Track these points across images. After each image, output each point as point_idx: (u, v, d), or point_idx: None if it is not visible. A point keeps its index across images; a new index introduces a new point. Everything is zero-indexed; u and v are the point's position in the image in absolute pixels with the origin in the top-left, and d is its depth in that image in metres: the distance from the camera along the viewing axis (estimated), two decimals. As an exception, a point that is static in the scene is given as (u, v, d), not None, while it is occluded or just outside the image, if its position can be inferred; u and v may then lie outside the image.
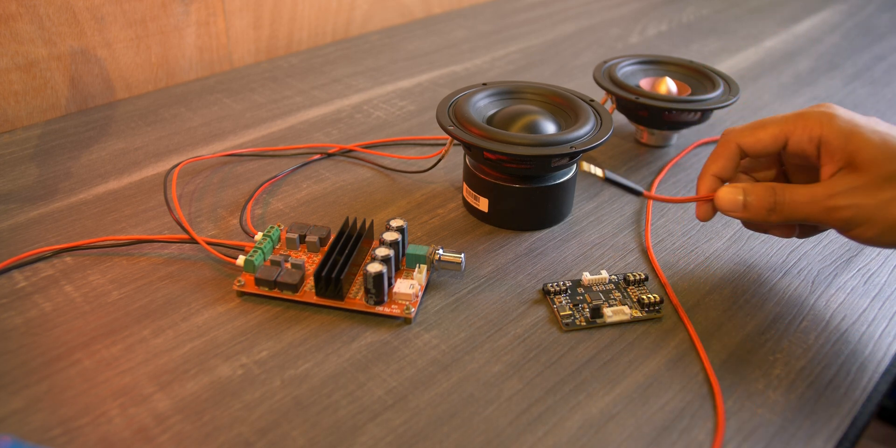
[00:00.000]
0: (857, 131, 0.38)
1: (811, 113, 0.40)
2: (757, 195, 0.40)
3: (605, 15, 0.96)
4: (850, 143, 0.38)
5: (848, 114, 0.40)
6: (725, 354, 0.40)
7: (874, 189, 0.37)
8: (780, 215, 0.40)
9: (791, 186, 0.40)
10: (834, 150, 0.39)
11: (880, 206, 0.37)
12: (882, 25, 0.94)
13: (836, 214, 0.38)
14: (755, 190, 0.40)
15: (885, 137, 0.38)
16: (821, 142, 0.39)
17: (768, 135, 0.41)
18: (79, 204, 0.52)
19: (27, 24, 0.60)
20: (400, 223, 0.45)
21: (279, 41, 0.80)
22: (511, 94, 0.53)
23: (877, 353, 0.41)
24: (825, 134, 0.39)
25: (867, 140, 0.38)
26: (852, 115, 0.40)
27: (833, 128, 0.39)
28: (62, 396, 0.36)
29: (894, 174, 0.37)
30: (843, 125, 0.39)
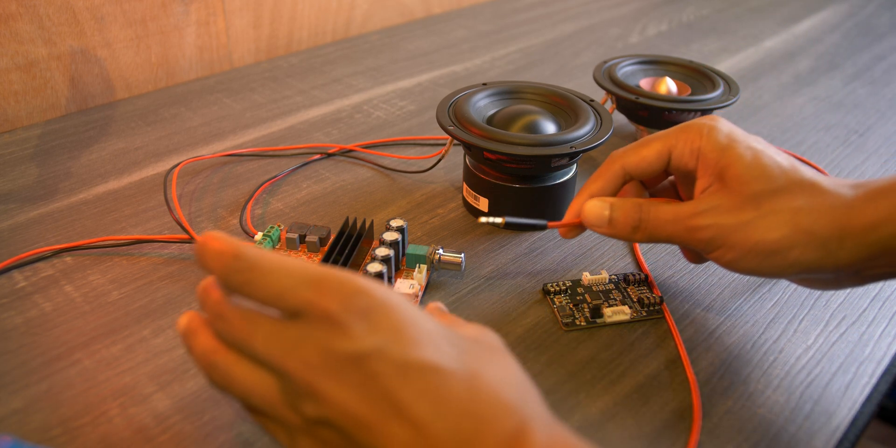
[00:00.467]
0: (732, 146, 0.36)
1: (693, 125, 0.38)
2: (623, 211, 0.38)
3: (605, 15, 0.96)
4: (724, 158, 0.36)
5: (729, 127, 0.38)
6: (725, 354, 0.40)
7: (736, 209, 0.35)
8: (644, 234, 0.38)
9: (658, 204, 0.38)
10: (708, 164, 0.37)
11: (739, 227, 0.35)
12: (882, 25, 0.94)
13: (696, 234, 0.36)
14: (622, 205, 0.39)
15: (758, 155, 0.36)
16: (699, 154, 0.37)
17: (652, 151, 0.39)
18: (79, 204, 0.52)
19: (27, 24, 0.60)
20: (400, 223, 0.45)
21: (279, 41, 0.80)
22: (511, 94, 0.53)
23: (877, 353, 0.41)
24: (703, 146, 0.37)
25: (739, 156, 0.36)
26: (732, 130, 0.38)
27: (711, 140, 0.37)
28: (62, 396, 0.36)
29: (759, 194, 0.35)
30: (720, 138, 0.37)
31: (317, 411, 0.26)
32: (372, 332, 0.25)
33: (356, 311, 0.26)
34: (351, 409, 0.25)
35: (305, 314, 0.26)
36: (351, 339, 0.25)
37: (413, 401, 0.25)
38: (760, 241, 0.35)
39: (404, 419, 0.25)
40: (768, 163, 0.36)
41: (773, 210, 0.35)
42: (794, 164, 0.36)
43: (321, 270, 0.27)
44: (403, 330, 0.26)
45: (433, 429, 0.24)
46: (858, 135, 0.65)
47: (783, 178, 0.35)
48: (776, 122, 0.67)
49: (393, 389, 0.25)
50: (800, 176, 0.35)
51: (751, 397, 0.38)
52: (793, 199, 0.35)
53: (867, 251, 0.34)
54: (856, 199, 0.34)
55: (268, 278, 0.27)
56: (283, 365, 0.26)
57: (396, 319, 0.26)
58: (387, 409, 0.25)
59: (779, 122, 0.67)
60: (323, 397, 0.25)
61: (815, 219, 0.34)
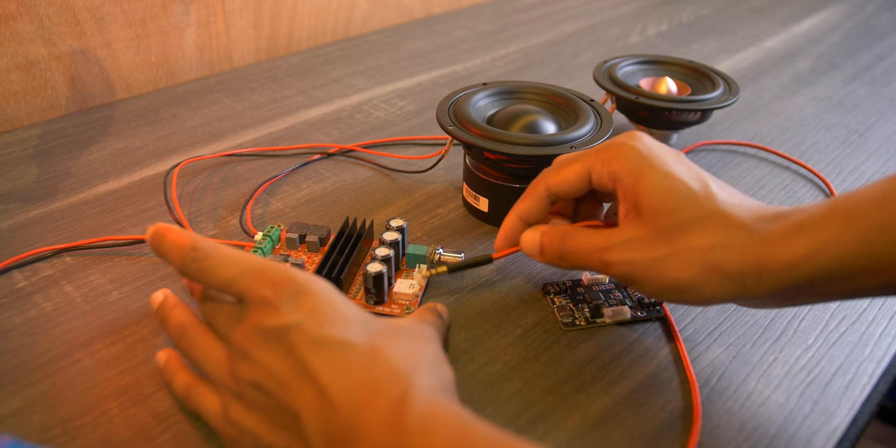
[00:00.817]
0: (645, 173, 0.35)
1: (611, 145, 0.37)
2: (549, 240, 0.38)
3: (605, 15, 0.96)
4: (638, 185, 0.35)
5: (648, 149, 0.36)
6: (725, 354, 0.40)
7: (648, 245, 0.34)
8: (568, 263, 0.38)
9: (581, 233, 0.37)
10: (625, 189, 0.36)
11: (651, 264, 0.34)
12: (882, 25, 0.94)
13: (610, 269, 0.36)
14: (549, 233, 0.38)
15: (672, 184, 0.34)
16: (615, 178, 0.36)
17: (572, 173, 0.38)
18: (79, 204, 0.52)
19: (27, 24, 0.60)
20: (400, 223, 0.45)
21: (279, 41, 0.80)
22: (511, 93, 0.53)
23: (877, 353, 0.41)
24: (618, 170, 0.36)
25: (652, 185, 0.35)
26: (650, 152, 0.36)
27: (626, 164, 0.36)
28: (62, 396, 0.36)
29: (671, 229, 0.34)
30: (635, 163, 0.35)
31: (250, 373, 0.30)
32: (295, 311, 0.30)
33: (286, 295, 0.31)
34: (274, 371, 0.30)
35: (248, 298, 0.31)
36: (279, 316, 0.30)
37: (321, 368, 0.29)
38: (673, 279, 0.34)
39: (313, 384, 0.29)
40: (681, 193, 0.34)
41: (684, 248, 0.33)
42: (709, 192, 0.34)
43: (264, 263, 0.32)
44: (320, 311, 0.31)
45: (334, 392, 0.28)
46: (858, 135, 0.65)
47: (696, 211, 0.34)
48: (776, 122, 0.67)
49: (306, 357, 0.29)
50: (714, 207, 0.34)
51: (751, 397, 0.38)
52: (705, 235, 0.33)
53: (788, 285, 0.32)
54: (773, 235, 0.32)
55: (219, 268, 0.32)
56: (230, 335, 0.32)
57: (316, 302, 0.31)
58: (301, 374, 0.29)
59: (779, 122, 0.67)
60: (256, 361, 0.30)
61: (728, 257, 0.33)
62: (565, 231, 0.38)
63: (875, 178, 0.58)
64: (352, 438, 0.28)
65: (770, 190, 0.56)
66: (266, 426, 0.31)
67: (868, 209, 0.31)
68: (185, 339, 0.34)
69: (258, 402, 0.31)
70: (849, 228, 0.31)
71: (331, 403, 0.28)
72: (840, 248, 0.31)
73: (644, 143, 0.37)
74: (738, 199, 0.35)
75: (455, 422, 0.28)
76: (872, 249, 0.30)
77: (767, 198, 0.55)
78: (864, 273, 0.31)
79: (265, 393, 0.30)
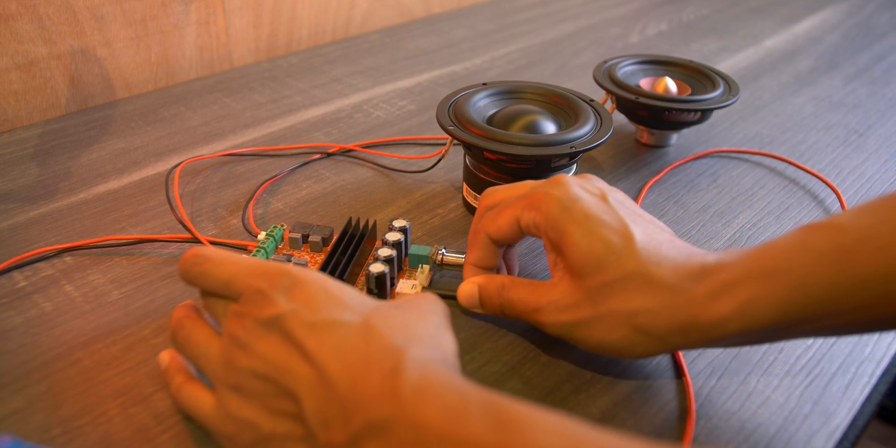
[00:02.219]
0: (568, 231, 0.35)
1: (535, 194, 0.37)
2: (487, 293, 0.39)
3: (604, 14, 0.96)
4: (561, 242, 0.35)
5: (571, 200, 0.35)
6: (725, 354, 0.40)
7: (574, 307, 0.35)
8: (511, 317, 0.38)
9: (517, 287, 0.38)
10: (551, 243, 0.36)
11: (579, 326, 0.35)
12: (882, 25, 0.94)
13: (545, 329, 0.37)
14: (487, 287, 0.39)
15: (594, 245, 0.34)
16: (540, 231, 0.36)
17: (504, 220, 0.38)
18: (79, 203, 0.52)
19: (27, 24, 0.60)
20: (402, 223, 0.45)
21: (279, 40, 0.80)
22: (511, 93, 0.53)
23: (877, 353, 0.41)
24: (541, 223, 0.36)
25: (574, 245, 0.34)
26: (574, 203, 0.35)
27: (549, 218, 0.36)
28: (62, 396, 0.36)
29: (595, 290, 0.34)
30: (556, 218, 0.35)
31: (247, 361, 0.31)
32: (289, 301, 0.31)
33: (280, 287, 0.31)
34: (271, 357, 0.30)
35: (245, 293, 0.32)
36: (274, 306, 0.31)
37: (316, 348, 0.29)
38: (603, 340, 0.35)
39: (309, 362, 0.29)
40: (602, 253, 0.34)
41: (609, 311, 0.34)
42: (632, 249, 0.34)
43: (259, 262, 0.33)
44: (315, 299, 0.31)
45: (330, 369, 0.29)
46: (858, 135, 0.65)
47: (618, 271, 0.34)
48: (776, 122, 0.67)
49: (302, 340, 0.30)
50: (636, 267, 0.33)
51: (751, 397, 0.38)
52: (628, 298, 0.33)
53: (717, 341, 0.33)
54: (697, 296, 0.32)
55: (217, 270, 0.33)
56: (228, 327, 0.32)
57: (311, 292, 0.31)
58: (298, 355, 0.30)
59: (779, 122, 0.67)
60: (253, 350, 0.31)
61: (653, 320, 0.33)
62: (502, 284, 0.38)
63: (875, 178, 0.58)
64: (347, 414, 0.28)
65: (770, 189, 0.56)
66: (265, 414, 0.30)
67: (787, 264, 0.31)
68: (182, 332, 0.34)
69: (256, 390, 0.31)
70: (770, 287, 0.31)
71: (328, 381, 0.29)
72: (763, 306, 0.31)
73: (567, 192, 0.36)
74: (662, 253, 0.34)
75: (449, 389, 0.27)
76: (796, 307, 0.31)
77: (767, 198, 0.55)
78: (794, 324, 0.32)
79: (263, 379, 0.30)
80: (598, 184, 0.38)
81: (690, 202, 0.54)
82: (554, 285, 0.36)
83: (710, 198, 0.55)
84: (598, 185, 0.38)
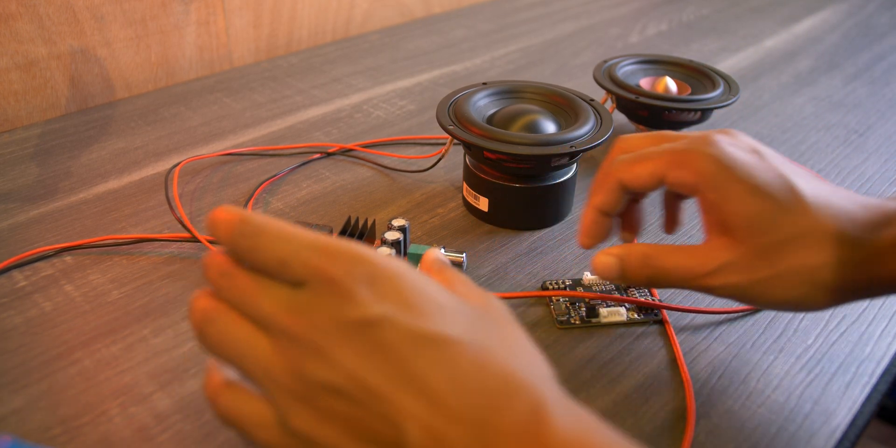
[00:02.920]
0: (730, 189, 0.33)
1: (688, 151, 0.34)
2: (630, 265, 0.36)
3: (605, 14, 0.96)
4: (723, 203, 0.33)
5: (729, 158, 0.33)
6: (725, 354, 0.40)
7: (748, 267, 0.33)
8: (660, 286, 0.36)
9: (668, 255, 0.35)
10: (708, 205, 0.34)
11: (756, 285, 0.33)
12: (882, 25, 0.94)
13: (713, 292, 0.35)
14: (629, 260, 0.36)
15: (762, 203, 0.32)
16: (695, 190, 0.34)
17: (645, 171, 0.35)
18: (79, 203, 0.52)
19: (27, 24, 0.60)
20: (402, 223, 0.45)
21: (279, 40, 0.80)
22: (511, 93, 0.53)
23: (877, 353, 0.41)
24: (698, 182, 0.33)
25: (739, 204, 0.32)
26: (733, 161, 0.33)
27: (706, 177, 0.33)
28: (62, 395, 0.36)
29: (769, 248, 0.32)
30: (715, 177, 0.33)
31: (326, 375, 0.25)
32: (378, 300, 0.25)
33: (361, 277, 0.25)
34: (362, 376, 0.24)
35: (310, 281, 0.26)
36: (358, 306, 0.25)
37: (427, 371, 0.24)
38: (783, 298, 0.33)
39: (418, 391, 0.24)
40: (772, 211, 0.32)
41: (789, 269, 0.32)
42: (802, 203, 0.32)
43: (325, 238, 0.26)
44: (411, 299, 0.25)
45: (449, 402, 0.23)
46: (858, 134, 0.65)
47: (792, 228, 0.32)
48: (776, 122, 0.67)
49: (405, 358, 0.24)
50: (812, 222, 0.32)
51: (751, 397, 0.38)
52: (809, 255, 0.32)
53: None
54: (884, 245, 0.31)
55: (275, 243, 0.26)
56: (289, 325, 0.25)
57: (403, 288, 0.26)
58: (400, 379, 0.24)
59: (779, 122, 0.67)
60: (332, 361, 0.25)
61: (837, 275, 0.31)
62: (646, 254, 0.36)
63: (875, 178, 0.58)
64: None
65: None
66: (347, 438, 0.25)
67: None
68: (213, 328, 0.27)
69: (336, 410, 0.25)
70: None
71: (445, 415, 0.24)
72: None
73: (723, 150, 0.34)
74: (834, 204, 0.32)
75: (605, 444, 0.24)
76: None
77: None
78: None
79: (350, 400, 0.25)
80: (746, 139, 0.36)
81: (690, 201, 0.54)
82: (718, 247, 0.34)
83: (710, 197, 0.55)
84: (747, 140, 0.36)
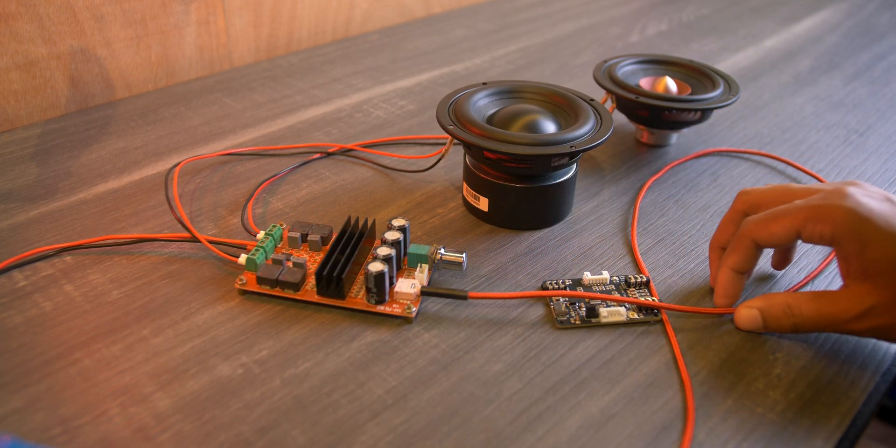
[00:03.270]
0: (871, 239, 0.35)
1: (825, 207, 0.37)
2: (774, 317, 0.39)
3: (605, 14, 0.96)
4: (865, 252, 0.35)
5: (867, 210, 0.36)
6: (725, 353, 0.40)
7: (890, 309, 0.35)
8: (806, 331, 0.39)
9: (807, 303, 0.38)
10: (848, 256, 0.37)
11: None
12: (882, 25, 0.94)
13: (858, 335, 0.38)
14: (772, 311, 0.39)
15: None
16: (833, 241, 0.37)
17: (782, 229, 0.38)
18: (79, 203, 0.52)
19: (27, 24, 0.60)
20: (402, 222, 0.45)
21: (279, 40, 0.80)
22: (511, 93, 0.53)
23: (877, 353, 0.41)
24: (837, 235, 0.36)
25: (882, 253, 0.35)
26: (871, 212, 0.36)
27: (846, 229, 0.36)
28: (62, 395, 0.36)
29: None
30: (855, 229, 0.35)
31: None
32: None
33: None
34: None
35: None
36: None
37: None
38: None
39: None
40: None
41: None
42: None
43: None
44: None
45: None
46: (858, 134, 0.65)
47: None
48: (776, 122, 0.67)
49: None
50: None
51: (751, 397, 0.38)
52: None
53: None
54: None
55: None
56: None
57: None
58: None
59: (779, 122, 0.67)
60: None
61: None
62: (788, 304, 0.39)
63: (875, 178, 0.58)
64: None
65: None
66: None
67: None
68: None
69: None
70: None
71: None
72: None
73: (858, 201, 0.36)
74: None
75: None
76: None
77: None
78: None
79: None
80: (875, 189, 0.39)
81: (690, 201, 0.54)
82: (859, 293, 0.36)
83: (710, 197, 0.55)
84: (877, 190, 0.38)
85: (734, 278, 0.41)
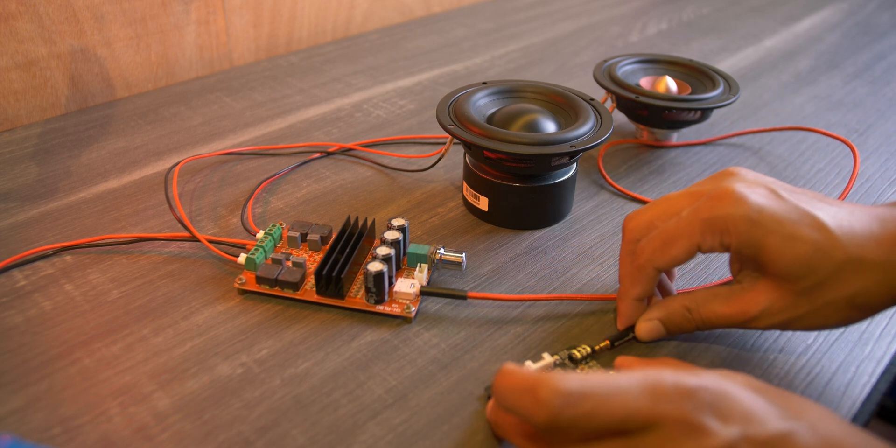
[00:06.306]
0: (766, 242, 0.34)
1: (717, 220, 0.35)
2: (676, 325, 0.39)
3: (605, 13, 0.96)
4: (761, 255, 0.35)
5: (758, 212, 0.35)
6: (725, 353, 0.40)
7: (790, 307, 0.35)
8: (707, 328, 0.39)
9: (708, 304, 0.38)
10: (743, 258, 0.37)
11: (796, 320, 0.36)
12: (882, 24, 0.94)
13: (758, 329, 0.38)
14: (672, 319, 0.39)
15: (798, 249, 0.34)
16: (730, 249, 0.36)
17: (681, 251, 0.37)
18: (79, 202, 0.52)
19: (27, 23, 0.59)
20: (401, 222, 0.45)
21: (279, 40, 0.80)
22: (511, 92, 0.52)
23: (877, 353, 0.41)
24: (735, 244, 0.35)
25: (777, 255, 0.34)
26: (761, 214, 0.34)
27: (744, 238, 0.35)
28: (62, 395, 0.36)
29: (809, 290, 0.35)
30: (751, 234, 0.35)
31: None
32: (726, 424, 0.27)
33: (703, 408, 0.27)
34: None
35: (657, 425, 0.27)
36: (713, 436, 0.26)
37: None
38: (821, 325, 0.36)
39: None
40: (809, 256, 0.34)
41: (827, 302, 0.35)
42: (832, 239, 0.34)
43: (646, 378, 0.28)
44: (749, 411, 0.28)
45: None
46: (858, 134, 0.65)
47: (828, 266, 0.34)
48: (776, 122, 0.67)
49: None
50: (843, 255, 0.34)
51: (751, 396, 0.38)
52: (844, 286, 0.34)
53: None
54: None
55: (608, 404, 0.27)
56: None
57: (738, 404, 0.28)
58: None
59: (779, 122, 0.67)
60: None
61: (872, 298, 0.34)
62: (686, 307, 0.38)
63: (875, 178, 0.58)
64: None
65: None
66: None
67: None
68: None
69: None
70: None
71: None
72: None
73: (750, 206, 0.35)
74: (856, 228, 0.34)
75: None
76: None
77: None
78: None
79: None
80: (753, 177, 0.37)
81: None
82: (755, 291, 0.36)
83: (710, 197, 0.55)
84: (755, 178, 0.37)
85: (638, 305, 0.40)
